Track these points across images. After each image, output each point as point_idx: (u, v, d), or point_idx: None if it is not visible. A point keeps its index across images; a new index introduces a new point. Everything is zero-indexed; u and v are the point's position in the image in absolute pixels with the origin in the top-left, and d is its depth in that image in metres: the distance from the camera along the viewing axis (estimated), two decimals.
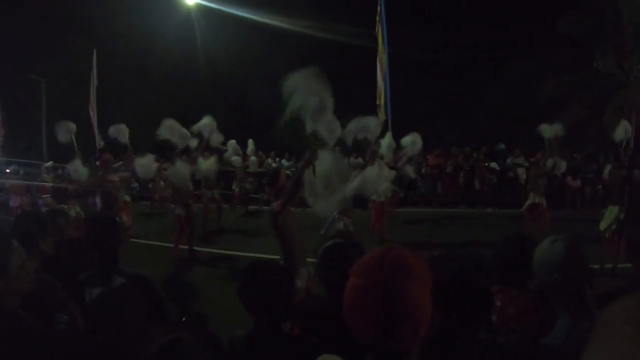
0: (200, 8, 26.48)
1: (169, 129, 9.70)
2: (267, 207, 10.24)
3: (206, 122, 10.72)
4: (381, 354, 1.40)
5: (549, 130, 11.42)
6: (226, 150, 15.72)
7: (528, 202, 11.22)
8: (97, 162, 10.62)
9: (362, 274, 1.40)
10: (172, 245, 10.30)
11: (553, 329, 2.16)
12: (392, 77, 15.00)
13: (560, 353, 1.98)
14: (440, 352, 1.83)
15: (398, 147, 13.06)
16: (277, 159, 21.44)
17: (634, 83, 22.53)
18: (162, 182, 15.53)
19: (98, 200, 9.94)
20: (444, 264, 2.02)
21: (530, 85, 22.20)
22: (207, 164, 11.06)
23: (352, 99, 23.27)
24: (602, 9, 22.74)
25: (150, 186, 18.25)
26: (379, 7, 14.76)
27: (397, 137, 16.26)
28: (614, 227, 8.59)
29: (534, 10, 23.81)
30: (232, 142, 16.05)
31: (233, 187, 16.95)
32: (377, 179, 7.68)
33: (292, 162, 19.77)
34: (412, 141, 12.17)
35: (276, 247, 5.36)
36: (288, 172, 9.31)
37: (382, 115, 15.37)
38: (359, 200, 9.72)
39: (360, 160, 14.03)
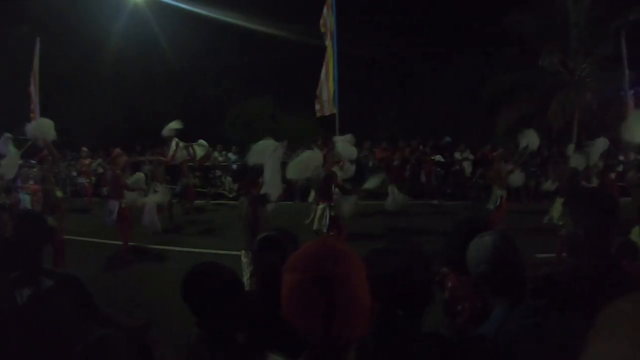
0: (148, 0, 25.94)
1: (39, 129, 9.25)
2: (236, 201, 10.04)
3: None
4: (319, 351, 1.37)
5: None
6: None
7: (495, 196, 11.15)
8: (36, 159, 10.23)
9: (299, 268, 1.36)
10: (112, 241, 10.17)
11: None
12: (340, 71, 14.99)
13: (493, 342, 2.02)
14: (381, 346, 1.83)
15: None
16: (224, 152, 21.12)
17: (578, 81, 23.25)
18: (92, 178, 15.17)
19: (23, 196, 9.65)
20: (384, 257, 2.03)
21: (477, 80, 22.63)
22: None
23: (299, 92, 23.43)
24: (550, 10, 23.32)
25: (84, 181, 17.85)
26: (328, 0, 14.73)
27: (344, 131, 16.33)
28: None
29: (482, 7, 24.24)
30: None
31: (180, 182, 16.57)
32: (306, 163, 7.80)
33: (238, 155, 19.51)
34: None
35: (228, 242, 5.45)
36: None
37: (330, 108, 15.37)
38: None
39: None
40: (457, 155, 17.89)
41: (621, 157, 19.16)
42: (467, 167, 17.02)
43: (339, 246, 1.41)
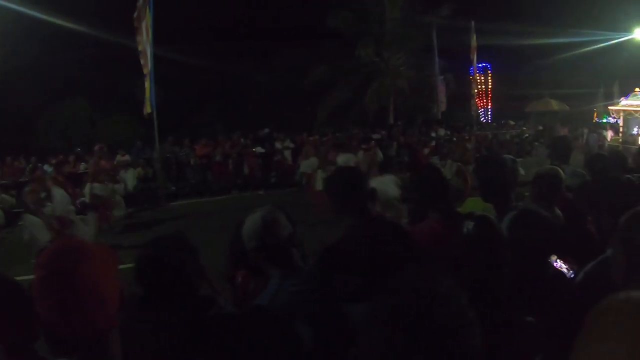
0: None
1: None
2: None
3: None
4: (74, 343, 1.40)
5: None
6: None
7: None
8: None
9: (44, 265, 1.42)
10: None
11: None
12: (158, 69, 14.46)
13: (269, 309, 2.17)
14: (139, 330, 1.90)
15: None
16: (40, 164, 19.34)
17: (392, 70, 24.81)
18: None
19: None
20: (155, 245, 2.18)
21: (298, 72, 23.21)
22: None
23: (119, 93, 22.32)
24: (366, 5, 24.63)
25: None
26: None
27: (162, 132, 15.76)
28: None
29: (302, 2, 24.89)
30: None
31: None
32: None
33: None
34: None
35: None
36: None
37: (147, 108, 14.76)
38: None
39: None
40: (278, 145, 18.06)
41: (433, 134, 20.89)
42: (288, 155, 17.31)
43: (81, 243, 1.58)
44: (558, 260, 2.58)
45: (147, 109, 14.49)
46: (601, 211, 2.81)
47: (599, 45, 31.36)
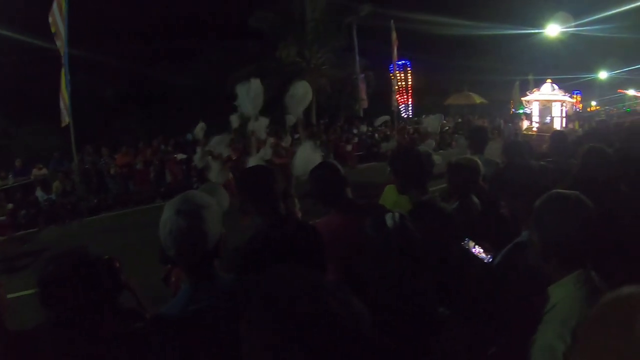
0: None
1: None
2: None
3: None
4: None
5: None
6: None
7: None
8: None
9: None
10: None
11: None
12: (76, 76, 13.81)
13: (178, 319, 2.02)
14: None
15: None
16: None
17: (314, 69, 25.04)
18: None
19: None
20: (55, 264, 2.06)
21: (221, 74, 22.94)
22: None
23: (36, 100, 21.12)
24: (288, 6, 24.74)
25: None
26: None
27: (80, 141, 15.07)
28: None
29: (224, 4, 24.64)
30: None
31: None
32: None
33: None
34: None
35: None
36: None
37: (64, 117, 14.08)
38: None
39: None
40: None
41: (355, 131, 21.25)
42: (211, 161, 16.96)
43: None
44: (476, 247, 2.67)
45: (65, 118, 13.88)
46: (515, 196, 2.84)
47: (514, 40, 33.01)
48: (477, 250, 2.65)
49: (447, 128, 26.53)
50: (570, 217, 1.94)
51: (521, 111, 24.95)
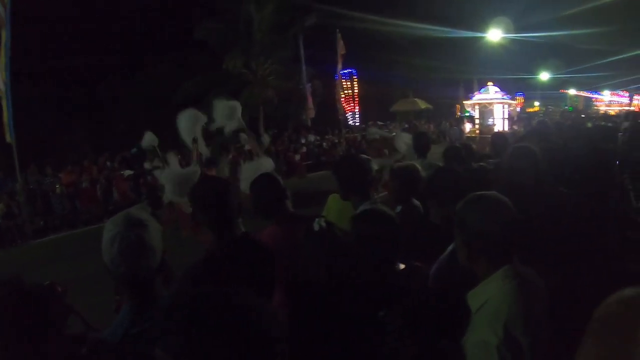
0: None
1: None
2: None
3: None
4: None
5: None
6: None
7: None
8: None
9: None
10: None
11: None
12: (16, 89, 13.35)
13: (119, 344, 1.98)
14: None
15: None
16: None
17: (261, 80, 25.07)
18: None
19: None
20: None
21: (168, 87, 22.74)
22: None
23: None
24: (234, 18, 24.68)
25: None
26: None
27: (24, 159, 14.55)
28: None
29: (170, 16, 24.39)
30: None
31: None
32: None
33: None
34: None
35: None
36: None
37: (6, 135, 13.57)
38: None
39: None
40: (147, 165, 17.34)
41: (303, 140, 21.40)
42: (159, 174, 16.66)
43: None
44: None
45: (7, 136, 13.40)
46: (442, 203, 2.95)
47: (459, 44, 33.92)
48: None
49: (393, 134, 27.01)
50: (489, 216, 1.99)
51: (467, 114, 25.61)
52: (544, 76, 49.93)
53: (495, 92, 20.32)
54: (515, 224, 2.01)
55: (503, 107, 20.31)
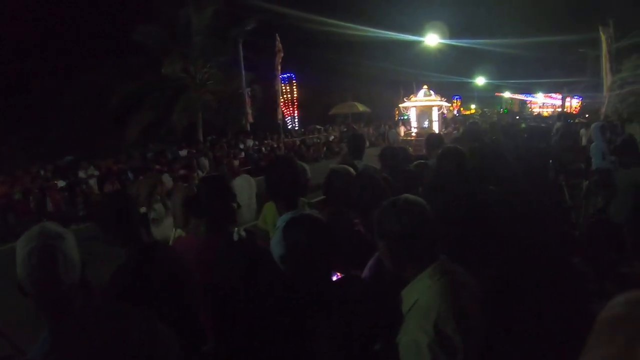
0: None
1: None
2: None
3: None
4: None
5: None
6: None
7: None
8: None
9: None
10: None
11: None
12: None
13: None
14: None
15: None
16: None
17: (199, 84, 24.84)
18: None
19: None
20: None
21: (102, 93, 22.13)
22: None
23: None
24: (173, 20, 24.25)
25: None
26: None
27: None
28: None
29: (106, 19, 23.74)
30: None
31: None
32: None
33: None
34: None
35: None
36: None
37: None
38: None
39: None
40: (82, 174, 16.80)
41: (242, 146, 21.31)
42: (94, 184, 16.11)
43: None
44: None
45: None
46: (364, 211, 2.98)
47: (399, 49, 34.79)
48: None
49: (332, 137, 27.29)
50: (404, 219, 2.01)
51: (406, 117, 25.97)
52: (480, 80, 51.67)
53: (431, 94, 20.73)
54: (432, 223, 2.04)
55: (439, 110, 20.75)
